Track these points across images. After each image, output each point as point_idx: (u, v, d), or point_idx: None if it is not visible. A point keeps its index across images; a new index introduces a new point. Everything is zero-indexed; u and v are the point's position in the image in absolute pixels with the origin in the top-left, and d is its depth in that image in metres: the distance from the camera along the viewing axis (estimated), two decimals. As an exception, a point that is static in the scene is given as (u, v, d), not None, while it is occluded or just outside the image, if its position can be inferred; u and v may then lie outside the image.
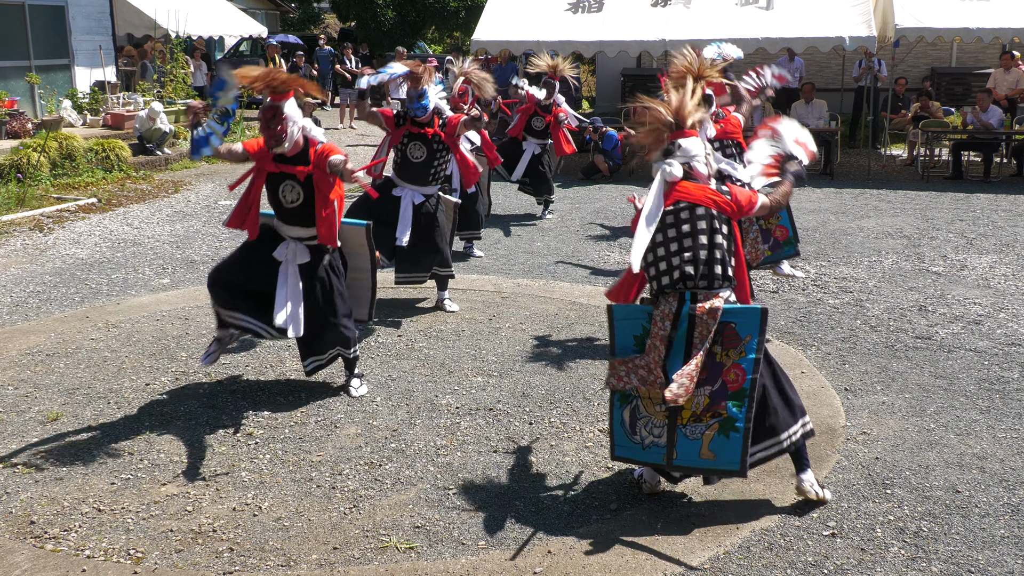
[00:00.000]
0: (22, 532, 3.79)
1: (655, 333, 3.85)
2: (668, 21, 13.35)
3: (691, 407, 3.83)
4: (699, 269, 3.82)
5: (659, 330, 3.84)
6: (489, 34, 13.77)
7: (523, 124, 9.88)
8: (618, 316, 4.00)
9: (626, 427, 3.97)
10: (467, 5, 27.23)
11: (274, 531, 3.80)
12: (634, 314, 3.97)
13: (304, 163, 4.74)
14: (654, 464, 3.97)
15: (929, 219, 10.03)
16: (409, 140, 6.36)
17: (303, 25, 32.17)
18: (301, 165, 4.74)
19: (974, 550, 3.65)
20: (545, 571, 3.52)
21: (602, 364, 5.62)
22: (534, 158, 9.89)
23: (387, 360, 5.71)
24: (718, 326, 3.79)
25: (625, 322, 3.98)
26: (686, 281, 3.83)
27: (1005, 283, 7.46)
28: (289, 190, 4.78)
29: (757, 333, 3.75)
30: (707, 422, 3.80)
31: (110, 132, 13.78)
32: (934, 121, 13.43)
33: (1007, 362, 5.69)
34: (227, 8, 21.80)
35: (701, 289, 3.84)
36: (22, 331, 6.26)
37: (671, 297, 3.87)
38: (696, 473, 3.97)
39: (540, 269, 7.95)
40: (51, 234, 9.24)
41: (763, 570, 3.53)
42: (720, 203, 3.91)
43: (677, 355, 3.83)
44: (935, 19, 12.52)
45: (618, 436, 4.00)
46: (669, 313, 3.84)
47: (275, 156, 4.76)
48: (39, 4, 15.14)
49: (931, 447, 4.54)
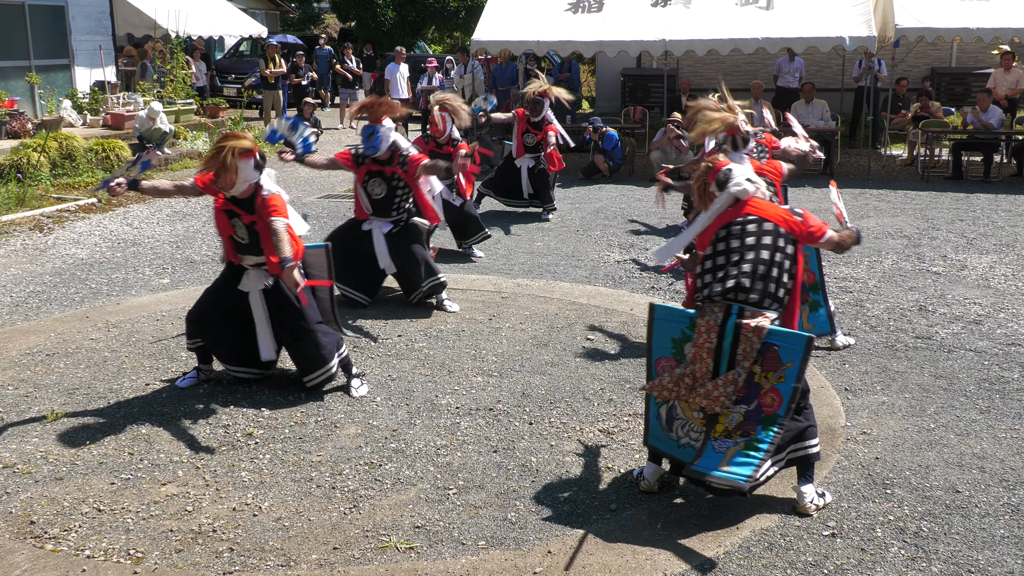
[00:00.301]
0: (22, 532, 3.79)
1: (700, 344, 3.82)
2: (668, 21, 13.35)
3: (725, 422, 3.81)
4: (755, 284, 3.77)
5: (705, 341, 3.81)
6: (489, 34, 13.77)
7: (520, 144, 9.97)
8: (659, 316, 3.99)
9: (662, 422, 4.02)
10: (467, 5, 27.23)
11: (274, 531, 3.80)
12: (676, 316, 3.97)
13: (250, 210, 4.85)
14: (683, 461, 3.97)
15: (929, 219, 10.04)
16: (370, 177, 6.49)
17: (303, 25, 32.16)
18: (246, 211, 4.85)
19: (974, 550, 3.65)
20: (545, 571, 3.52)
21: (602, 364, 5.63)
22: (530, 171, 10.00)
23: (387, 360, 5.71)
24: (761, 346, 3.75)
25: (665, 323, 3.97)
26: (738, 293, 3.79)
27: (1005, 283, 7.46)
28: (238, 226, 4.93)
29: (799, 360, 3.71)
30: (735, 439, 3.80)
31: (110, 132, 13.77)
32: (934, 121, 13.43)
33: (1007, 362, 5.69)
34: (227, 8, 21.80)
35: (750, 305, 3.79)
36: (22, 331, 6.26)
37: (717, 308, 3.82)
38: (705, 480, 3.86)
39: (540, 269, 7.95)
40: (51, 234, 9.25)
41: (763, 570, 3.53)
42: (791, 223, 3.89)
43: (723, 369, 3.80)
44: (935, 19, 12.52)
45: (653, 428, 4.05)
46: (715, 325, 3.79)
47: None
48: (39, 4, 15.14)
49: (931, 447, 4.54)
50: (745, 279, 3.77)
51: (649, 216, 10.27)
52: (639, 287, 7.37)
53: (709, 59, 15.43)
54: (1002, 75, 13.86)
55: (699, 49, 13.24)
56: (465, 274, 7.73)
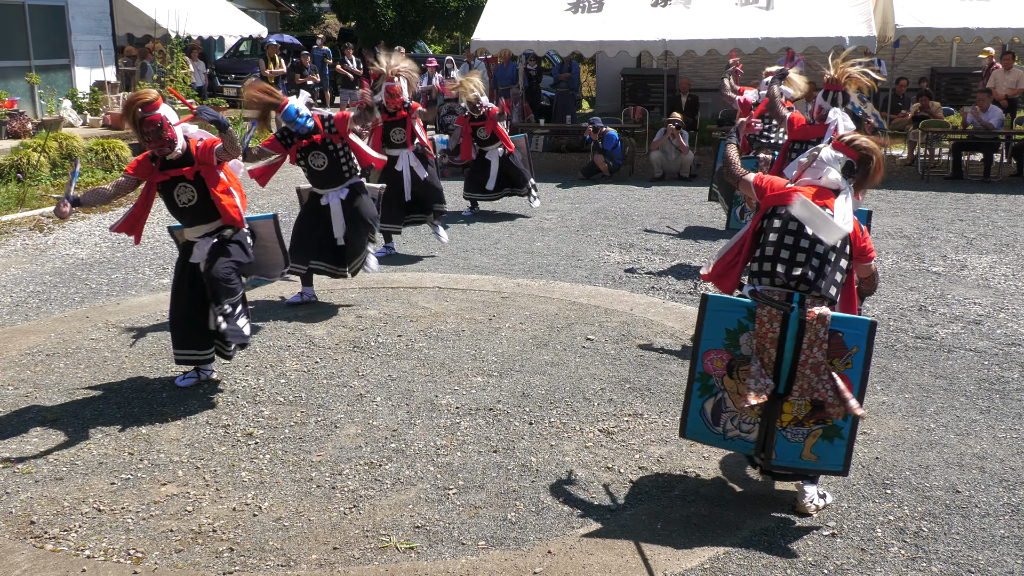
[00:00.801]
0: (22, 532, 3.79)
1: (764, 333, 3.76)
2: (668, 21, 13.36)
3: (792, 411, 3.79)
4: (817, 279, 3.75)
5: (768, 331, 3.75)
6: (489, 34, 13.78)
7: (469, 145, 9.98)
8: (712, 307, 3.83)
9: (706, 416, 3.93)
10: (467, 5, 27.20)
11: (274, 531, 3.80)
12: (730, 307, 3.83)
13: (189, 163, 4.98)
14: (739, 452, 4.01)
15: (929, 219, 10.03)
16: (306, 152, 6.48)
17: (303, 25, 32.15)
18: (187, 166, 4.98)
19: (974, 550, 3.65)
20: (545, 571, 3.52)
21: (602, 364, 5.63)
22: (502, 160, 9.98)
23: (387, 360, 5.71)
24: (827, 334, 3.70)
25: (719, 314, 3.83)
26: (800, 283, 3.75)
27: (1005, 283, 7.46)
28: (183, 191, 5.04)
29: (864, 345, 3.69)
30: (810, 427, 3.79)
31: (110, 132, 13.78)
32: (934, 121, 13.43)
33: (1007, 362, 5.69)
34: (227, 8, 21.81)
35: (811, 295, 3.76)
36: (22, 331, 6.26)
37: (777, 296, 3.77)
38: (794, 472, 3.92)
39: (540, 269, 7.95)
40: (51, 234, 9.25)
41: (763, 570, 3.53)
42: (854, 234, 3.83)
43: (787, 357, 3.75)
44: (935, 19, 12.52)
45: (693, 422, 3.96)
46: (777, 314, 3.73)
47: (161, 165, 4.98)
48: (39, 4, 15.14)
49: (931, 447, 4.54)
50: (810, 271, 3.74)
51: (649, 216, 10.27)
52: (639, 287, 7.37)
53: (709, 59, 15.42)
54: (1002, 75, 13.86)
55: (699, 49, 13.25)
56: (465, 274, 7.73)
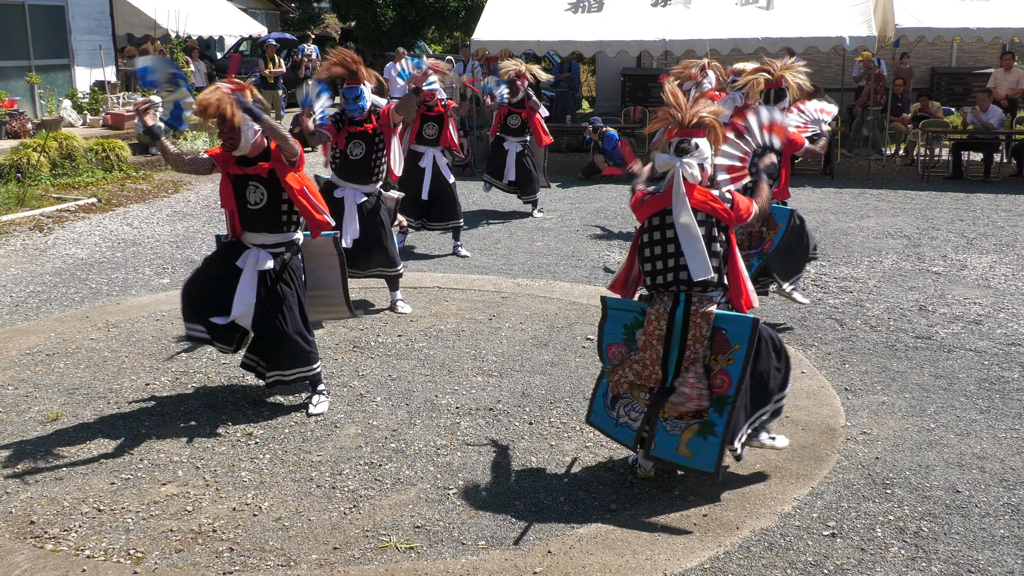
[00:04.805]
0: (22, 532, 3.79)
1: (651, 332, 3.99)
2: (668, 21, 13.35)
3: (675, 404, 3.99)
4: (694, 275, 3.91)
5: (655, 329, 3.97)
6: (489, 34, 13.76)
7: (498, 124, 10.06)
8: (612, 306, 4.18)
9: (607, 401, 4.18)
10: (467, 5, 27.19)
11: (274, 531, 3.80)
12: (628, 306, 4.14)
13: (266, 159, 4.73)
14: (619, 442, 4.18)
15: (929, 219, 10.03)
16: (350, 139, 6.44)
17: (303, 25, 32.13)
18: (263, 162, 4.73)
19: (974, 550, 3.65)
20: (545, 571, 3.52)
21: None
22: (518, 157, 9.99)
23: (387, 360, 5.71)
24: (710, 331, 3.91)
25: (618, 312, 4.15)
26: (680, 284, 3.93)
27: (1005, 283, 7.46)
28: (253, 191, 4.75)
29: (746, 342, 3.86)
30: (687, 421, 3.96)
31: (110, 132, 13.78)
32: (934, 121, 13.42)
33: (1007, 362, 5.69)
34: (227, 8, 21.81)
35: (696, 291, 3.93)
36: (22, 331, 6.26)
37: (665, 297, 3.98)
38: (669, 467, 4.10)
39: (540, 269, 7.95)
40: (51, 234, 9.25)
41: (763, 570, 3.53)
42: (719, 210, 3.97)
43: (674, 354, 3.97)
44: (935, 19, 12.51)
45: (597, 405, 4.24)
46: (664, 312, 3.95)
47: (237, 159, 4.75)
48: (39, 4, 15.14)
49: (931, 447, 4.54)
50: (683, 272, 3.90)
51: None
52: (639, 287, 7.37)
53: (709, 59, 15.40)
54: (1002, 75, 13.86)
55: (699, 49, 13.21)
56: (465, 274, 7.73)
